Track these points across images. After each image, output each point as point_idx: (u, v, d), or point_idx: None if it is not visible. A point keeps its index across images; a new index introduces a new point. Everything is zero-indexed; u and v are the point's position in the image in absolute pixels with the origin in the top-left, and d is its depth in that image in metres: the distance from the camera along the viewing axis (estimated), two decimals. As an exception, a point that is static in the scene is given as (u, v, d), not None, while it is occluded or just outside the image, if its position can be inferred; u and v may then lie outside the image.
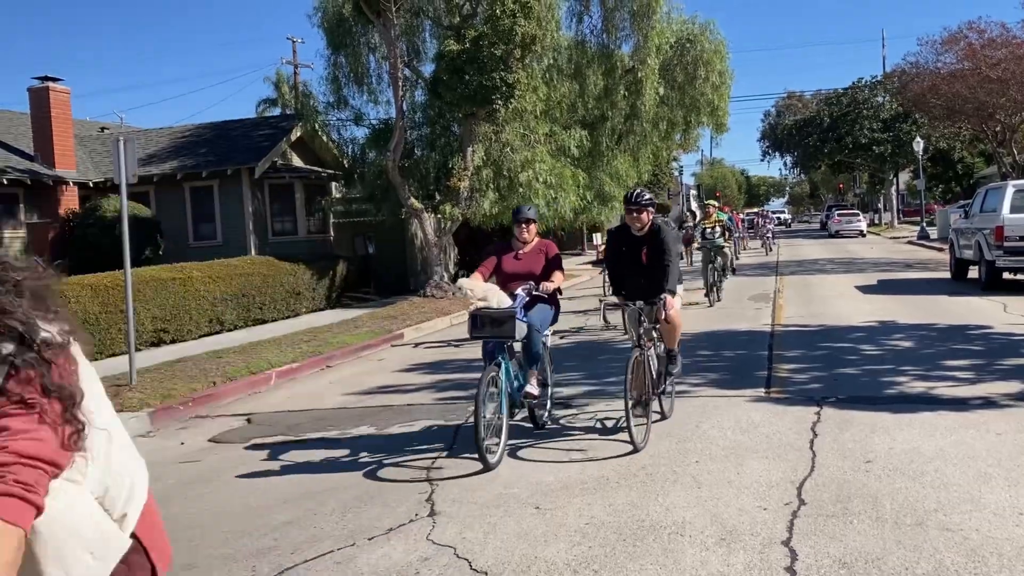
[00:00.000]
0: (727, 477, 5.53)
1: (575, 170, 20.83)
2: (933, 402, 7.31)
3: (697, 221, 23.74)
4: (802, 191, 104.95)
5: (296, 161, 23.50)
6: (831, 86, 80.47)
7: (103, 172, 21.42)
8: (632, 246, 6.81)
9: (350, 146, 22.74)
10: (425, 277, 20.39)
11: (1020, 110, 31.78)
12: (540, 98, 19.54)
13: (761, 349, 10.67)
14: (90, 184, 21.27)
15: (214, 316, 15.06)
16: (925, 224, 38.12)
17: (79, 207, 20.41)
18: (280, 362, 11.07)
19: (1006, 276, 16.00)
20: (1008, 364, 8.81)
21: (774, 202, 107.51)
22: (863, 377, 8.61)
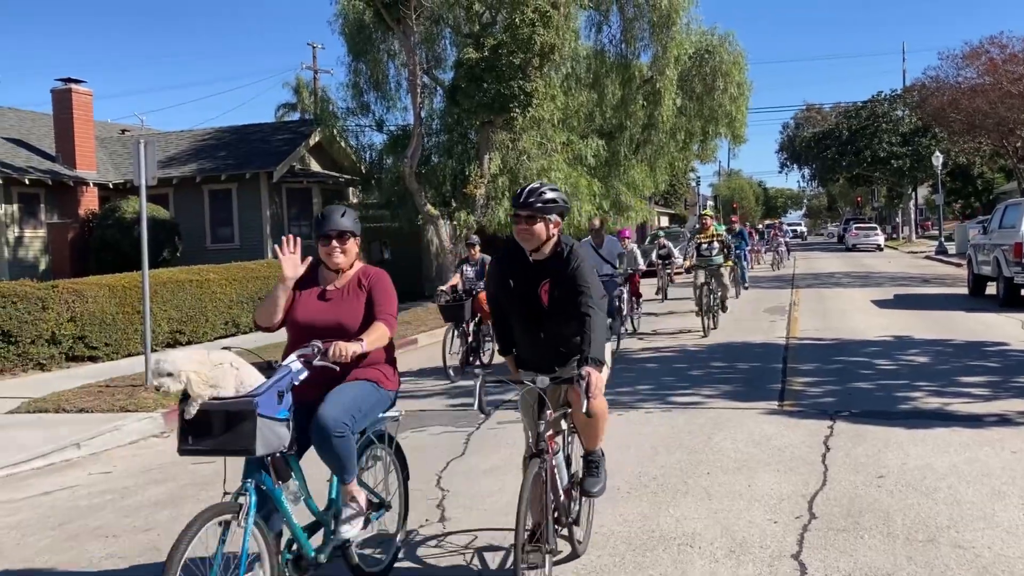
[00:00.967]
0: (738, 489, 5.52)
1: (591, 179, 20.87)
2: (948, 418, 7.27)
3: (691, 236, 19.47)
4: (820, 204, 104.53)
5: (314, 166, 23.65)
6: (850, 99, 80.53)
7: (123, 174, 21.63)
8: (524, 280, 4.18)
9: (368, 152, 22.87)
10: (440, 283, 20.41)
11: (1041, 126, 31.62)
12: (558, 107, 19.60)
13: (775, 362, 10.64)
14: (110, 185, 21.49)
15: (230, 318, 15.15)
16: (943, 239, 37.90)
17: (99, 208, 20.61)
18: (294, 365, 11.10)
19: (1024, 293, 15.88)
20: (1025, 382, 8.75)
21: (791, 214, 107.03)
22: (877, 392, 8.57)
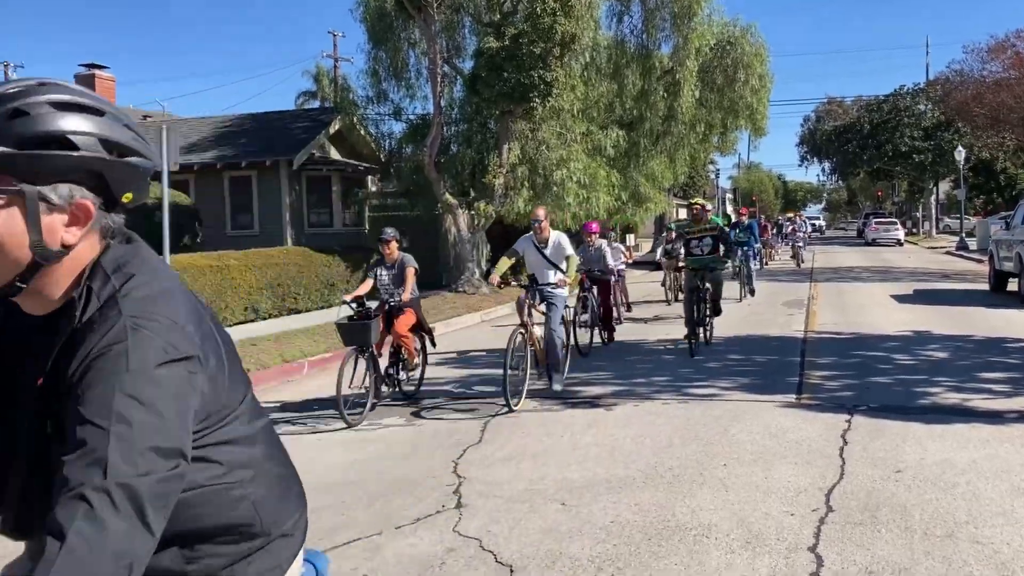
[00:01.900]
0: (754, 481, 5.52)
1: (609, 170, 20.80)
2: (967, 414, 7.23)
3: (678, 229, 16.21)
4: (839, 198, 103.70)
5: (334, 154, 23.70)
6: (872, 92, 79.60)
7: (144, 160, 21.78)
8: None
9: (387, 140, 22.89)
10: (457, 273, 20.46)
11: (1067, 121, 31.24)
12: (578, 97, 19.53)
13: (793, 355, 10.60)
14: (131, 171, 21.64)
15: (249, 304, 15.25)
16: (964, 235, 37.56)
17: (120, 193, 20.77)
18: (314, 352, 11.19)
19: (1047, 290, 15.72)
20: (1045, 379, 8.68)
21: (811, 208, 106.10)
22: (896, 387, 8.53)
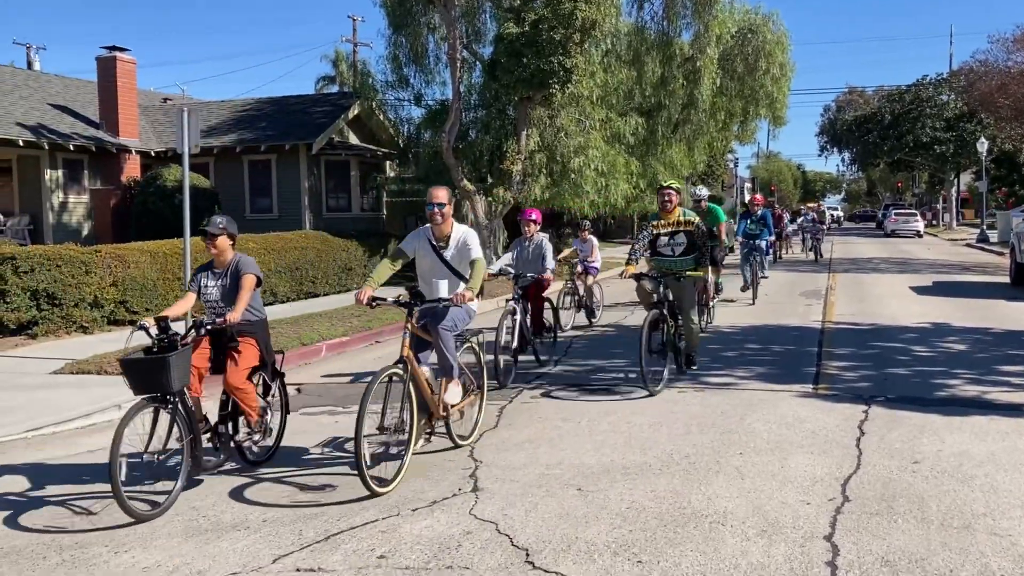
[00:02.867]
0: (771, 470, 5.52)
1: (628, 158, 20.72)
2: (986, 406, 7.19)
3: (643, 222, 11.21)
4: (859, 188, 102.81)
5: (352, 139, 23.74)
6: (894, 82, 78.95)
7: (165, 142, 21.87)
8: None
9: (406, 126, 22.87)
10: (474, 260, 20.46)
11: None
12: (597, 84, 19.44)
13: (810, 345, 10.56)
14: (152, 153, 21.73)
15: (267, 287, 15.31)
16: (985, 227, 37.22)
17: (140, 175, 20.87)
18: (331, 335, 11.25)
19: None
20: (1066, 372, 8.61)
21: (830, 198, 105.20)
22: (914, 378, 8.49)
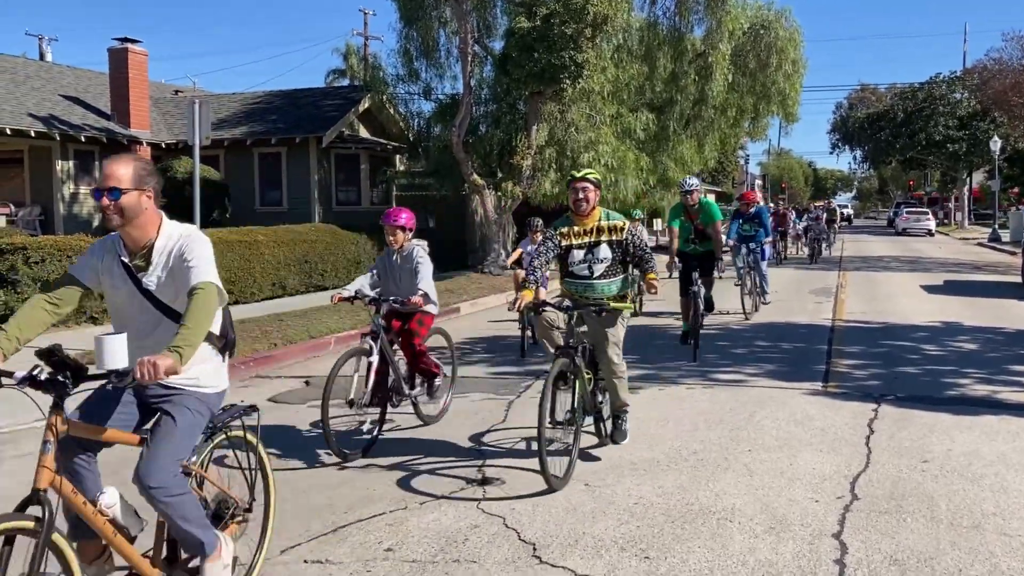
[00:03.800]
0: (779, 467, 5.50)
1: (638, 153, 20.68)
2: (996, 406, 7.15)
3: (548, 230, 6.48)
4: (870, 186, 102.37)
5: (362, 132, 23.75)
6: (907, 80, 78.41)
7: (175, 134, 21.93)
8: None
9: (416, 119, 22.89)
10: (483, 254, 20.48)
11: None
12: (608, 79, 19.40)
13: (820, 343, 10.53)
14: (162, 145, 21.79)
15: (277, 280, 15.37)
16: (997, 226, 37.00)
17: (151, 167, 20.95)
18: (340, 328, 11.26)
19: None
20: (1078, 373, 8.56)
21: (841, 196, 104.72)
22: (924, 377, 8.46)
